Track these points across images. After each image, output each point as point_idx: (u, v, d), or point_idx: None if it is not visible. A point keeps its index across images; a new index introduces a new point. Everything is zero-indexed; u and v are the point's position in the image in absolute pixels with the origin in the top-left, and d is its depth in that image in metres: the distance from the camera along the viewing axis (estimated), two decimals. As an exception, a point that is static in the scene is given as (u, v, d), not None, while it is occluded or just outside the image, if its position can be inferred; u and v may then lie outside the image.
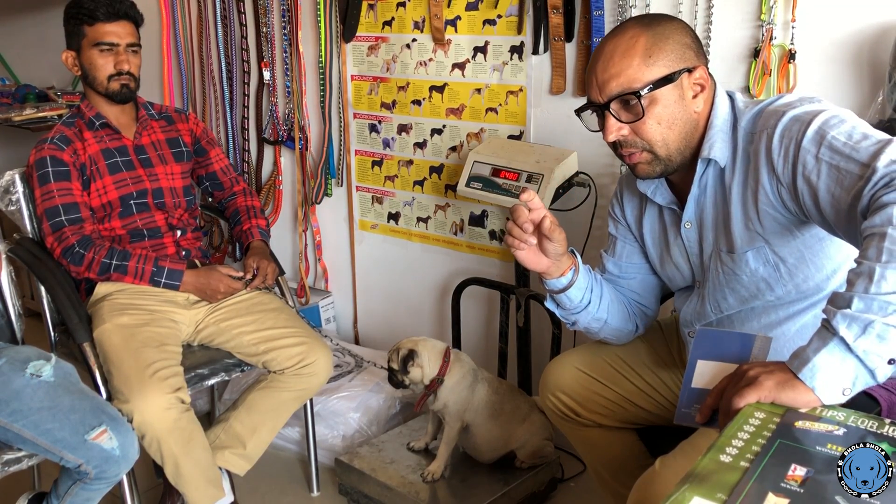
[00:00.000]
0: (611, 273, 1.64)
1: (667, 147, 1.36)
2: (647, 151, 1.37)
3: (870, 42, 1.78)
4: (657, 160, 1.38)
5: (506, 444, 2.11)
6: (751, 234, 1.35)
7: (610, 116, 1.35)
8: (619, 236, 1.63)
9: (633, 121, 1.34)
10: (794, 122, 1.26)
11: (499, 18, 2.35)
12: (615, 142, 1.38)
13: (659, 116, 1.34)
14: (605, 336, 1.63)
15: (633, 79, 1.32)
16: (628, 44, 1.34)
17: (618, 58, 1.34)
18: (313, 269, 3.11)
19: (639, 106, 1.33)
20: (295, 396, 2.07)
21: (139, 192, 2.14)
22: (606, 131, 1.37)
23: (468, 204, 2.58)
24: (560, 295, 1.52)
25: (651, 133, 1.35)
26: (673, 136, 1.36)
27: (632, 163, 1.40)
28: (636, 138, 1.36)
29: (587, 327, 1.60)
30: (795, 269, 1.35)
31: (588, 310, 1.55)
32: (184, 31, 3.20)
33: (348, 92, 2.79)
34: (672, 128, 1.35)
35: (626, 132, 1.36)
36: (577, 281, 1.50)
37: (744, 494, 0.83)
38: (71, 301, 1.95)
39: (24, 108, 3.51)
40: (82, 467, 1.62)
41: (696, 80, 1.36)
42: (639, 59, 1.32)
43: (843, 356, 1.01)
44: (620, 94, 1.33)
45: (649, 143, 1.36)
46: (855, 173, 1.15)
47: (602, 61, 1.35)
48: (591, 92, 1.38)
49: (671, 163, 1.38)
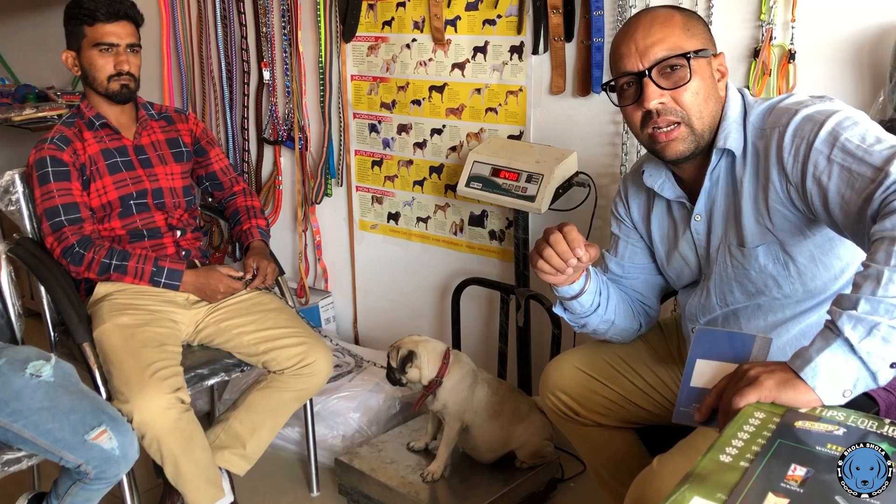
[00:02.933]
0: (614, 273, 1.64)
1: (702, 121, 1.35)
2: (685, 125, 1.35)
3: (870, 42, 1.78)
4: (692, 135, 1.36)
5: (506, 445, 2.11)
6: (762, 229, 1.35)
7: (650, 83, 1.33)
8: (622, 236, 1.63)
9: (675, 87, 1.33)
10: (806, 122, 1.26)
11: (499, 18, 2.35)
12: (648, 115, 1.35)
13: (697, 87, 1.34)
14: (611, 336, 1.63)
15: (677, 45, 1.33)
16: (666, 16, 1.36)
17: (658, 26, 1.34)
18: (313, 270, 3.11)
19: (685, 70, 1.32)
20: (295, 396, 2.07)
21: (139, 192, 2.14)
22: (647, 98, 1.34)
23: (468, 204, 2.57)
24: (572, 301, 1.52)
25: (690, 102, 1.34)
26: (707, 110, 1.36)
27: (668, 139, 1.36)
28: (675, 107, 1.34)
29: (595, 329, 1.60)
30: (805, 268, 1.35)
31: (598, 312, 1.55)
32: (184, 31, 3.20)
33: (348, 92, 2.79)
34: (707, 102, 1.35)
35: (666, 100, 1.34)
36: (590, 286, 1.50)
37: (744, 494, 0.83)
38: (71, 301, 1.95)
39: (23, 108, 3.51)
40: (82, 467, 1.62)
41: (719, 66, 1.38)
42: (679, 30, 1.34)
43: (846, 357, 1.01)
44: (667, 58, 1.32)
45: (687, 112, 1.34)
46: (867, 176, 1.15)
47: (642, 29, 1.35)
48: (628, 61, 1.36)
49: (703, 140, 1.37)
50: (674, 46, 1.33)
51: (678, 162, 1.40)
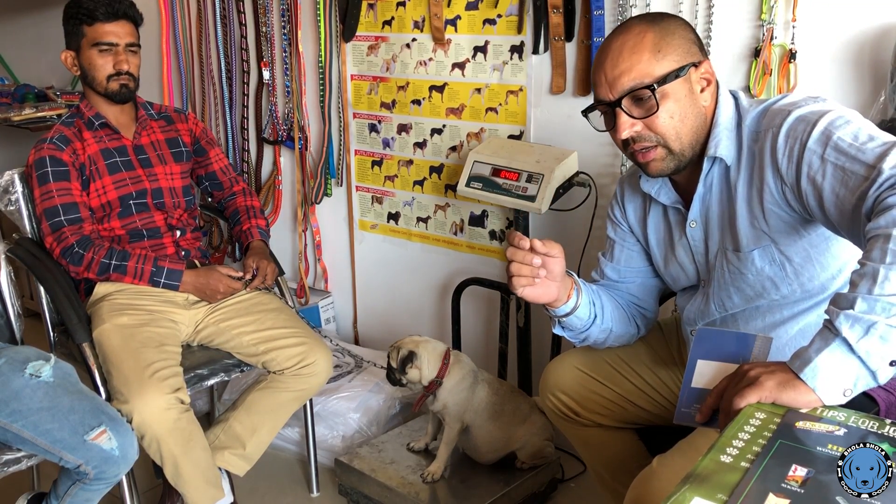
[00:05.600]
0: (609, 278, 1.64)
1: (680, 141, 1.36)
2: (661, 147, 1.36)
3: (871, 42, 1.78)
4: (671, 155, 1.37)
5: (506, 445, 2.11)
6: (757, 232, 1.35)
7: (622, 113, 1.34)
8: (617, 240, 1.62)
9: (647, 116, 1.33)
10: (799, 122, 1.26)
11: (499, 18, 2.35)
12: (626, 140, 1.37)
13: (671, 110, 1.34)
14: (611, 343, 1.62)
15: (644, 73, 1.32)
16: (636, 40, 1.34)
17: (626, 54, 1.33)
18: (313, 270, 3.11)
19: (653, 100, 1.32)
20: (295, 397, 2.07)
21: (138, 192, 2.14)
22: (619, 129, 1.35)
23: (468, 204, 2.57)
24: (569, 318, 1.51)
25: (664, 127, 1.34)
26: (685, 129, 1.36)
27: (645, 160, 1.38)
28: (650, 133, 1.35)
29: (595, 340, 1.60)
30: (801, 268, 1.35)
31: (595, 323, 1.55)
32: (183, 31, 3.20)
33: (348, 92, 2.78)
34: (684, 121, 1.35)
35: (640, 128, 1.35)
36: (582, 299, 1.50)
37: (744, 495, 0.83)
38: (70, 301, 1.95)
39: (23, 108, 3.51)
40: (82, 468, 1.61)
41: (702, 75, 1.37)
42: (648, 55, 1.32)
43: (845, 357, 1.01)
44: (633, 90, 1.32)
45: (663, 137, 1.35)
46: (860, 174, 1.15)
47: (611, 59, 1.35)
48: (600, 91, 1.37)
49: (684, 158, 1.38)
50: (640, 75, 1.32)
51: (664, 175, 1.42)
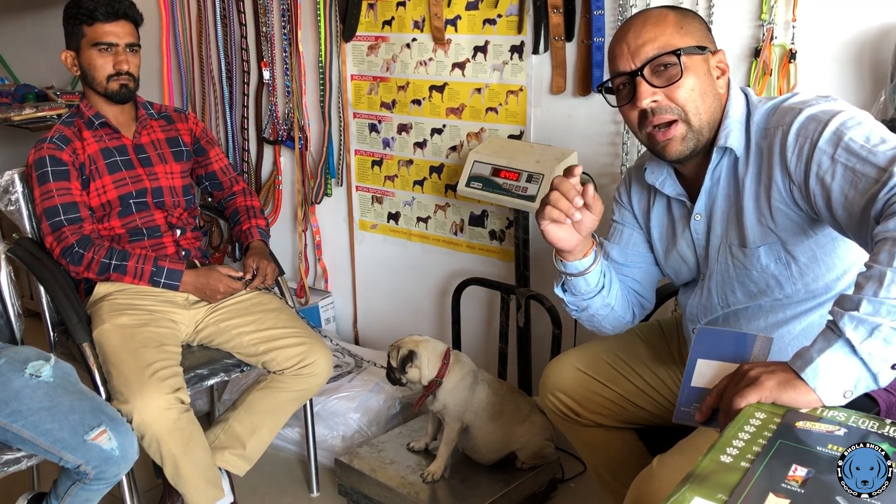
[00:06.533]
0: (614, 261, 1.61)
1: (699, 117, 1.35)
2: (682, 122, 1.34)
3: (871, 42, 1.78)
4: (691, 132, 1.35)
5: (506, 445, 2.10)
6: (763, 229, 1.35)
7: (643, 82, 1.33)
8: (625, 224, 1.61)
9: (668, 84, 1.33)
10: (810, 121, 1.25)
11: (499, 18, 2.35)
12: (644, 115, 1.35)
13: (692, 84, 1.33)
14: (606, 326, 1.60)
15: (668, 43, 1.33)
16: (659, 15, 1.36)
17: (650, 26, 1.35)
18: (313, 269, 3.11)
19: (678, 67, 1.32)
20: (295, 397, 2.07)
21: (138, 191, 2.14)
22: (639, 97, 1.34)
23: (468, 204, 2.57)
24: (577, 279, 1.48)
25: (685, 98, 1.33)
26: (704, 107, 1.35)
27: (665, 139, 1.36)
28: (670, 104, 1.34)
29: (595, 314, 1.56)
30: (806, 268, 1.34)
31: (601, 294, 1.52)
32: (183, 31, 3.20)
33: (348, 92, 2.78)
34: (704, 98, 1.35)
35: (661, 97, 1.34)
36: (597, 264, 1.48)
37: (744, 495, 0.83)
38: (70, 301, 1.95)
39: (23, 108, 3.51)
40: (82, 468, 1.61)
41: (718, 63, 1.38)
42: (672, 28, 1.34)
43: (847, 358, 1.01)
44: (658, 56, 1.32)
45: (683, 108, 1.34)
46: (871, 177, 1.14)
47: (634, 30, 1.36)
48: (621, 62, 1.36)
49: (702, 137, 1.36)
50: (665, 44, 1.33)
51: (679, 161, 1.40)
